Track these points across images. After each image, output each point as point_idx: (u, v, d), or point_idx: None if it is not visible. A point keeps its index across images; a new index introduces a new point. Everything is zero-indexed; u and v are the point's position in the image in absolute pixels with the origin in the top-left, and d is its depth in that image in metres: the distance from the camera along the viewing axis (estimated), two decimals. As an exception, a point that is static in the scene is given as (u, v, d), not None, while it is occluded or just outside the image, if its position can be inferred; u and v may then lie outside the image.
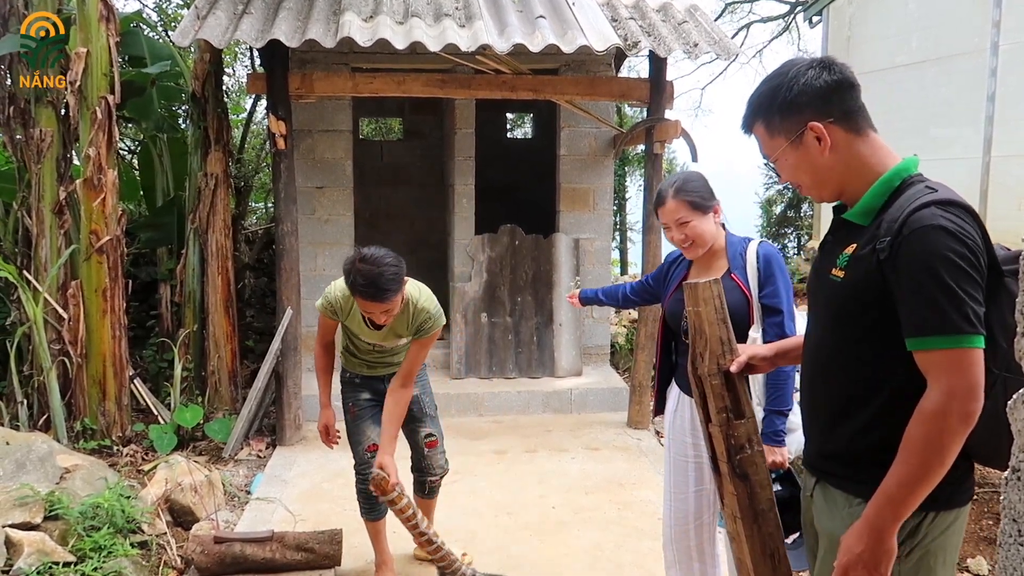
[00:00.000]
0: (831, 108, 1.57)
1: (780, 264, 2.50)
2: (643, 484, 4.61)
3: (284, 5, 5.22)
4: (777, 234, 14.25)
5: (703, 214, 2.49)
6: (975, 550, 3.58)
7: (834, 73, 1.57)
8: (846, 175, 1.59)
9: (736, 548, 1.81)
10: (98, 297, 5.02)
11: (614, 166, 6.84)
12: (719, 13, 16.02)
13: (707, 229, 2.51)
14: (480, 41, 4.87)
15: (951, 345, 1.39)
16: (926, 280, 1.40)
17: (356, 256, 2.80)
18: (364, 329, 3.09)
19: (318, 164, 6.31)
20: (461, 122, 6.49)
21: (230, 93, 9.54)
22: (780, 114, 1.60)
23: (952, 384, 1.39)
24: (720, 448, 1.76)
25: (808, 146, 1.58)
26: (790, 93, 1.57)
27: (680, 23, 5.61)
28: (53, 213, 5.05)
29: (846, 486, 1.61)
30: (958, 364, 1.39)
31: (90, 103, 4.95)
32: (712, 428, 1.78)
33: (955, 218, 1.42)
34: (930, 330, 1.41)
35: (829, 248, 1.66)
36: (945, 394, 1.40)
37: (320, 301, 3.12)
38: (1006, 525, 0.69)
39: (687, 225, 2.49)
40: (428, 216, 8.77)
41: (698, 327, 1.81)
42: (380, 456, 2.99)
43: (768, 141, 1.65)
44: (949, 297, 1.39)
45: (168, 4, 9.17)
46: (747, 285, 2.48)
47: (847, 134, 1.57)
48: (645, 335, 5.66)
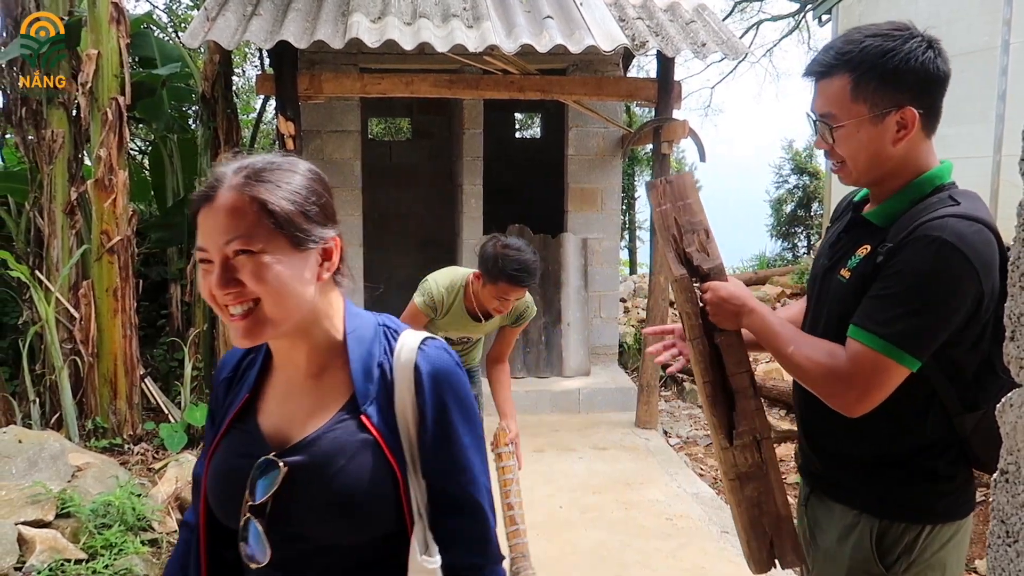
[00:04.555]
0: (928, 100, 1.41)
1: (462, 388, 1.17)
2: (650, 484, 4.62)
3: (293, 6, 5.25)
4: (787, 233, 14.22)
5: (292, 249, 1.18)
6: (983, 551, 3.57)
7: (946, 64, 1.41)
8: (896, 170, 1.46)
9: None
10: (109, 297, 5.06)
11: (622, 166, 6.85)
12: (728, 12, 15.99)
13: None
14: (488, 42, 4.88)
15: (875, 346, 1.36)
16: (897, 287, 1.36)
17: (498, 243, 2.78)
18: (464, 323, 3.03)
19: (327, 164, 6.33)
20: (469, 122, 6.51)
21: (240, 93, 9.60)
22: (879, 80, 1.39)
23: (856, 378, 1.38)
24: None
25: (886, 128, 1.41)
26: (904, 64, 1.38)
27: (688, 23, 5.60)
28: (65, 213, 5.09)
29: (841, 496, 1.56)
30: (875, 368, 1.36)
31: (101, 104, 4.99)
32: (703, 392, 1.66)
33: (964, 234, 1.33)
34: (871, 325, 1.37)
35: (842, 247, 1.57)
36: (845, 377, 1.39)
37: (420, 298, 2.96)
38: (995, 527, 0.70)
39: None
40: (436, 216, 8.80)
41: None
42: (505, 419, 3.00)
43: (845, 101, 1.43)
44: (905, 311, 1.35)
45: (178, 6, 9.24)
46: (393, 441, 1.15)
47: (922, 132, 1.43)
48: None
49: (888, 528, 1.49)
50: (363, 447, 1.07)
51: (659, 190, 1.65)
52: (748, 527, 1.53)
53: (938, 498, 1.45)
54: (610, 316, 6.87)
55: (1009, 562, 0.68)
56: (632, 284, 10.10)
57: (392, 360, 1.12)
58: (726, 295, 1.55)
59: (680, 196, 1.64)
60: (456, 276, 3.00)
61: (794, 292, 8.11)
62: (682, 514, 4.17)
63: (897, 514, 1.48)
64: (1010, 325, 0.72)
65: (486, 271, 2.79)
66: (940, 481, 1.47)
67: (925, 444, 1.46)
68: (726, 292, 1.55)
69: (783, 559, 1.56)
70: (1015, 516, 0.68)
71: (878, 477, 1.49)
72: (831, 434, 1.57)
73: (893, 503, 1.49)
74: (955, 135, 7.46)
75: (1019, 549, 0.67)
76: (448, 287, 2.96)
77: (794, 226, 14.08)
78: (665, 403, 6.47)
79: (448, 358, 1.13)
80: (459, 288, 2.97)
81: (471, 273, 2.97)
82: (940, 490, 1.47)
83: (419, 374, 1.10)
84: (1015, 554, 0.68)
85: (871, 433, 1.49)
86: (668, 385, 6.88)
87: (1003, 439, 0.71)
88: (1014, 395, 0.71)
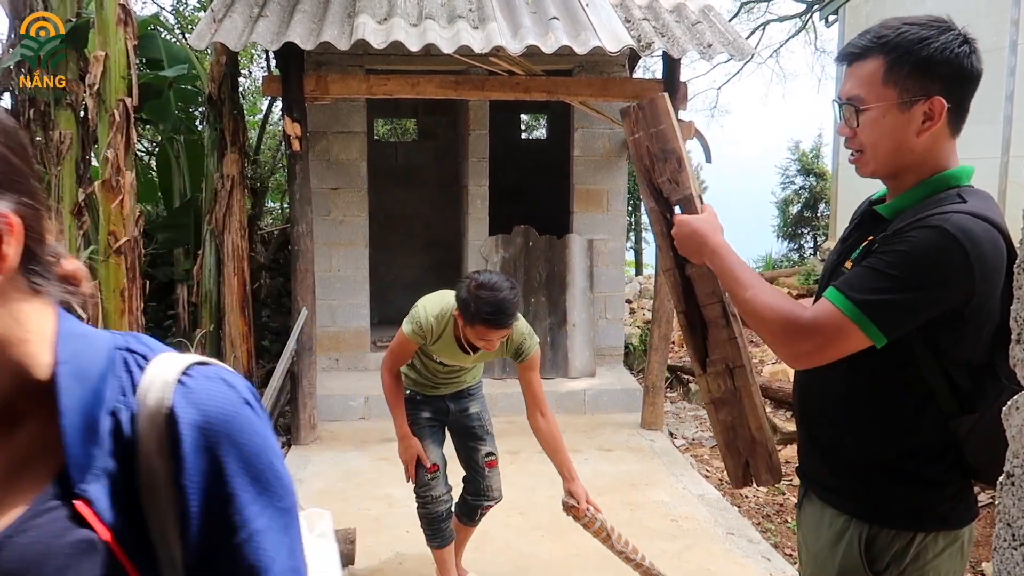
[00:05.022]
0: (958, 94, 1.40)
1: (251, 440, 0.76)
2: (656, 485, 4.61)
3: (299, 8, 5.26)
4: (794, 234, 14.18)
5: None
6: (989, 554, 3.55)
7: (980, 63, 1.41)
8: (916, 163, 1.44)
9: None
10: (116, 297, 5.08)
11: (628, 167, 6.85)
12: (735, 13, 15.97)
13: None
14: (493, 43, 4.89)
15: (849, 315, 1.35)
16: (884, 261, 1.35)
17: (472, 284, 2.71)
18: (454, 352, 2.97)
19: (333, 165, 6.35)
20: (475, 123, 6.52)
21: (246, 94, 9.62)
22: (913, 66, 1.38)
23: (815, 332, 1.38)
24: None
25: (913, 117, 1.39)
26: (939, 53, 1.37)
27: (694, 23, 5.60)
28: (72, 215, 5.11)
29: (834, 500, 1.53)
30: (838, 329, 1.36)
31: (108, 106, 5.01)
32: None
33: (970, 231, 1.31)
34: (847, 289, 1.37)
35: (852, 242, 1.55)
36: (803, 328, 1.39)
37: (409, 327, 2.91)
38: (1001, 530, 0.69)
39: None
40: (442, 217, 8.81)
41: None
42: (569, 485, 2.94)
43: (876, 84, 1.41)
44: (889, 285, 1.33)
45: (185, 7, 9.27)
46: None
47: (948, 128, 1.42)
48: (659, 336, 5.65)
49: (878, 534, 1.46)
50: (80, 555, 0.65)
51: (632, 117, 1.64)
52: (724, 448, 1.59)
53: (931, 506, 1.42)
54: (615, 317, 6.87)
55: (1015, 565, 0.68)
56: (638, 285, 10.09)
57: (135, 404, 0.70)
58: (688, 231, 1.57)
59: (653, 122, 1.62)
60: (446, 304, 2.91)
61: (800, 293, 8.08)
62: (687, 515, 4.16)
63: (887, 520, 1.46)
64: (1016, 328, 0.72)
65: (463, 312, 2.73)
66: (933, 488, 1.44)
67: (919, 447, 1.43)
68: (688, 228, 1.57)
69: (758, 478, 1.60)
70: (1022, 519, 0.67)
71: (870, 482, 1.47)
72: (827, 433, 1.55)
73: (884, 509, 1.46)
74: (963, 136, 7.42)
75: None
76: (438, 316, 2.89)
77: (800, 227, 14.03)
78: (671, 404, 6.46)
79: (227, 394, 0.74)
80: (449, 317, 2.88)
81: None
82: (933, 498, 1.44)
83: (176, 424, 0.69)
84: (1021, 557, 0.68)
85: (867, 432, 1.47)
86: (674, 386, 6.87)
87: (1010, 442, 0.70)
88: (1020, 398, 0.71)
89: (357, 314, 6.56)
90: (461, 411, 3.23)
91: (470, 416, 3.24)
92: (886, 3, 8.57)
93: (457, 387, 3.22)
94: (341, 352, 6.56)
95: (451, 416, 3.23)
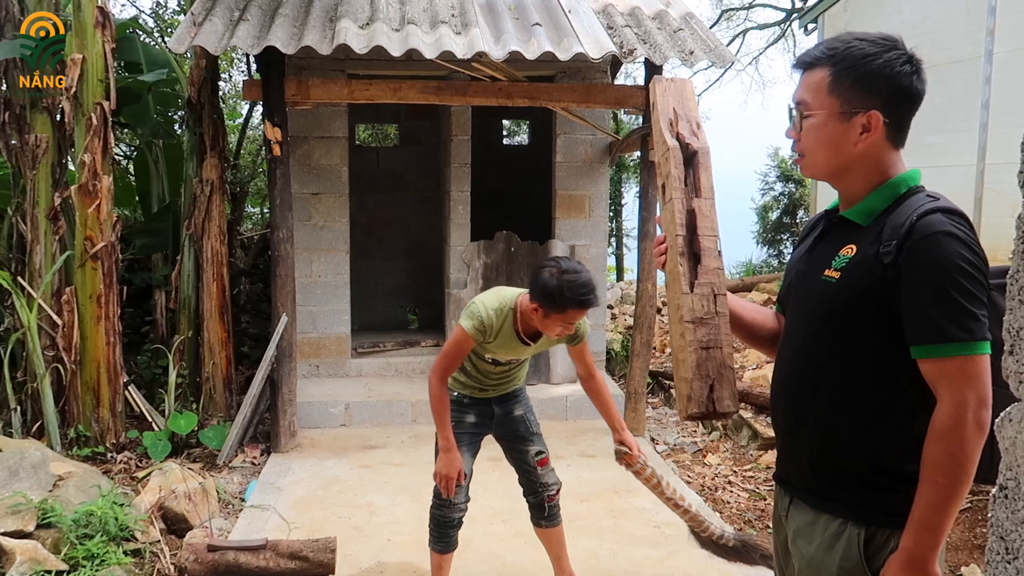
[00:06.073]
0: (896, 111, 1.49)
1: None
2: (638, 492, 4.60)
3: (280, 12, 5.22)
4: (773, 240, 14.30)
5: None
6: (968, 558, 3.58)
7: (921, 84, 1.50)
8: (857, 170, 1.53)
9: None
10: (92, 303, 5.01)
11: (610, 173, 6.86)
12: (715, 20, 16.09)
13: None
14: (476, 48, 4.88)
15: (963, 352, 1.37)
16: (940, 287, 1.38)
17: (556, 271, 2.70)
18: (513, 346, 2.96)
19: (314, 170, 6.31)
20: (457, 129, 6.50)
21: (226, 99, 9.54)
22: (855, 79, 1.48)
23: (965, 394, 1.36)
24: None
25: (851, 127, 1.49)
26: (881, 69, 1.46)
27: (675, 31, 5.62)
28: (48, 219, 5.04)
29: (827, 506, 1.55)
30: (970, 372, 1.37)
31: (86, 109, 4.95)
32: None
33: (962, 225, 1.41)
34: (943, 338, 1.38)
35: (822, 251, 1.60)
36: (958, 405, 1.37)
37: (470, 323, 2.86)
38: (994, 543, 0.69)
39: None
40: (424, 222, 8.77)
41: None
42: (621, 435, 3.06)
43: (820, 92, 1.51)
44: (963, 305, 1.37)
45: (164, 10, 9.19)
46: None
47: (887, 141, 1.51)
48: (641, 342, 5.66)
49: (874, 534, 1.49)
50: None
51: (664, 84, 1.83)
52: (694, 367, 1.60)
53: (903, 501, 1.44)
54: (597, 323, 6.86)
55: (1009, 579, 0.67)
56: (619, 291, 10.11)
57: None
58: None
59: (679, 95, 1.81)
60: (504, 298, 2.92)
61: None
62: (670, 522, 4.15)
63: (883, 521, 1.48)
64: (1009, 339, 0.71)
65: (551, 301, 2.70)
66: None
67: (914, 444, 1.45)
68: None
69: (720, 402, 1.61)
70: (1015, 532, 0.67)
71: (865, 485, 1.49)
72: (816, 439, 1.56)
73: (879, 510, 1.49)
74: (939, 144, 7.53)
75: (1019, 567, 0.66)
76: (497, 309, 2.88)
77: (780, 233, 14.16)
78: (652, 410, 6.47)
79: None
80: (508, 311, 2.89)
81: (518, 296, 2.91)
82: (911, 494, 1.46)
83: None
84: (1015, 571, 0.67)
85: (865, 437, 1.49)
86: (655, 392, 6.88)
87: (1002, 454, 0.70)
88: (1013, 410, 0.71)
89: (338, 320, 6.51)
90: (506, 414, 3.22)
91: (515, 419, 3.23)
92: (864, 12, 8.67)
93: (504, 389, 3.21)
94: (322, 358, 6.51)
95: (496, 419, 3.21)
